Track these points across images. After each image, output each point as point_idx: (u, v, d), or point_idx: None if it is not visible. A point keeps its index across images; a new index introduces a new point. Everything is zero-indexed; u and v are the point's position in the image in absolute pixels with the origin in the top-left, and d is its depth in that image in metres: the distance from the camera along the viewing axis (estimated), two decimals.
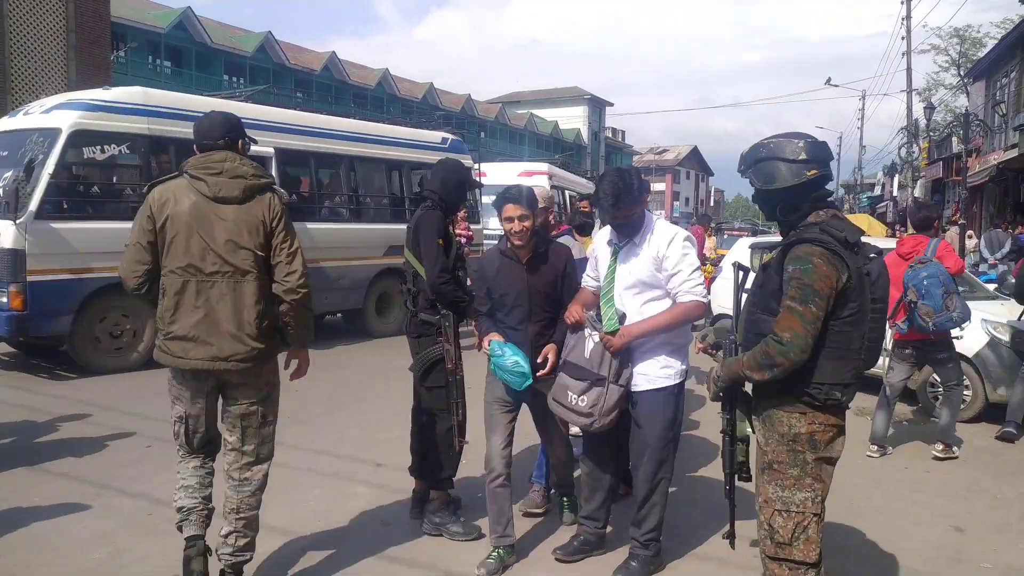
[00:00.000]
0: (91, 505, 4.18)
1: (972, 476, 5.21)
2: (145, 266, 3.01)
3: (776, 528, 2.57)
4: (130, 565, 3.52)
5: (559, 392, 3.46)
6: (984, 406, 6.52)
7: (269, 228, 3.04)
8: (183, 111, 8.18)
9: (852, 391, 2.54)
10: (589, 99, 60.07)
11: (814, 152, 2.56)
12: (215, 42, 31.67)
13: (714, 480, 4.78)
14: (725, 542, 3.14)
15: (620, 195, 3.30)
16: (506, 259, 3.64)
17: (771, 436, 2.61)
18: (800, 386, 2.51)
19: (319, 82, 36.72)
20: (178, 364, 3.02)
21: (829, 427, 2.56)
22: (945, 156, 29.18)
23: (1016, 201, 21.76)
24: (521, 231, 3.53)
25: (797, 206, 2.59)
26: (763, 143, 2.65)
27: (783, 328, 2.45)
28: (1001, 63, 23.93)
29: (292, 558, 3.63)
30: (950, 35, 33.16)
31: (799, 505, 2.55)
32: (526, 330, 3.59)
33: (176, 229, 2.96)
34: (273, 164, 8.95)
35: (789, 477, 2.56)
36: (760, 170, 2.61)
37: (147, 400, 6.43)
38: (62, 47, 14.37)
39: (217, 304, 2.97)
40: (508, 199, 3.53)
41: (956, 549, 3.99)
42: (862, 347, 2.51)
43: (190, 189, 3.00)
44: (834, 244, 2.44)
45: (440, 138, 11.92)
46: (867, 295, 2.49)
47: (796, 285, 2.44)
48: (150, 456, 5.06)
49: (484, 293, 3.70)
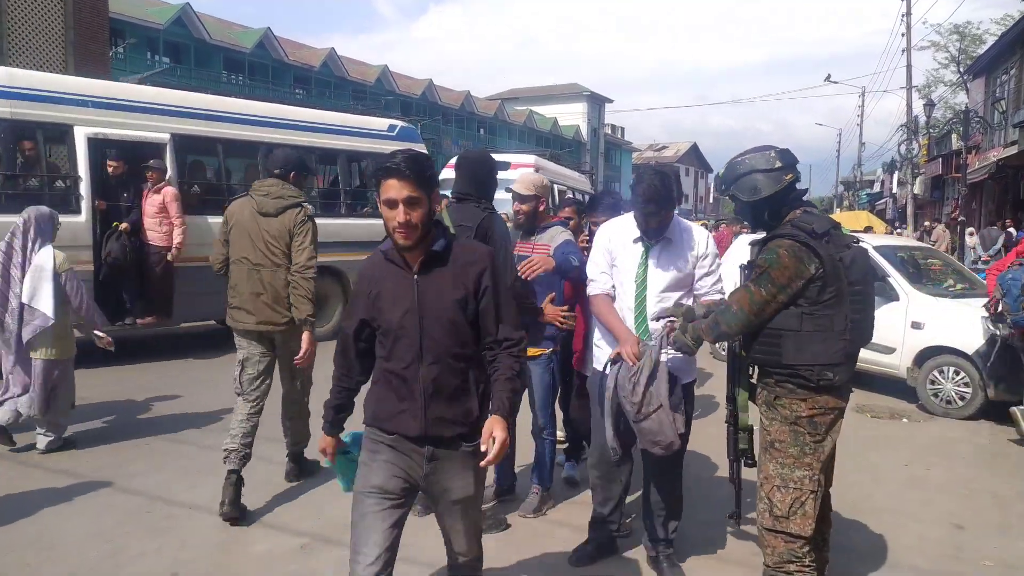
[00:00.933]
0: (88, 502, 4.17)
1: (972, 474, 5.20)
2: (223, 256, 4.25)
3: (775, 502, 2.78)
4: (127, 564, 3.50)
5: (653, 433, 3.08)
6: (984, 404, 6.51)
7: (291, 233, 4.14)
8: (54, 93, 7.33)
9: (843, 371, 2.73)
10: (588, 96, 59.95)
11: (785, 159, 2.85)
12: (214, 38, 31.60)
13: (712, 478, 4.78)
14: (722, 543, 3.16)
15: (660, 200, 3.14)
16: (392, 266, 2.38)
17: (775, 418, 2.81)
18: (794, 371, 2.72)
19: (318, 78, 36.65)
20: (236, 327, 4.19)
21: (828, 410, 2.76)
22: (945, 153, 29.18)
23: (1016, 198, 21.78)
24: (406, 223, 2.22)
25: (779, 210, 2.84)
26: (738, 160, 2.92)
27: (732, 300, 2.81)
28: (1001, 60, 23.89)
29: (290, 554, 3.63)
30: (950, 32, 33.17)
31: (797, 482, 2.75)
32: (416, 376, 2.31)
33: (238, 231, 4.17)
34: (168, 151, 8.16)
35: (789, 456, 2.77)
36: (742, 185, 2.87)
37: (145, 396, 6.42)
38: (60, 43, 14.32)
39: (261, 285, 4.10)
40: (391, 171, 2.23)
41: (957, 547, 3.98)
42: (846, 328, 2.70)
43: (248, 204, 4.20)
44: (803, 236, 2.68)
45: (387, 126, 10.92)
46: (843, 279, 2.69)
47: (758, 271, 2.75)
48: (149, 453, 5.04)
49: (355, 327, 2.44)
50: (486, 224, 3.66)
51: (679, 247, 3.31)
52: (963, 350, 6.58)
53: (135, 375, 7.29)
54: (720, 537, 3.92)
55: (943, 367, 6.70)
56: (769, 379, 2.83)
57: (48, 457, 4.86)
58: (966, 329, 6.63)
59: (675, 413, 3.09)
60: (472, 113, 45.64)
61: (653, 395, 3.04)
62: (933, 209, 31.90)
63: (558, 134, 54.77)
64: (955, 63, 33.28)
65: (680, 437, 3.11)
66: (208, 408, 6.07)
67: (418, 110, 41.00)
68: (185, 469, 4.73)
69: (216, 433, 5.17)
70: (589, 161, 52.79)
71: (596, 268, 3.43)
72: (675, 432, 3.08)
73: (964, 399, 6.60)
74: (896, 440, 5.96)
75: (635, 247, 3.32)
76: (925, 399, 6.82)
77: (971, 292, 7.55)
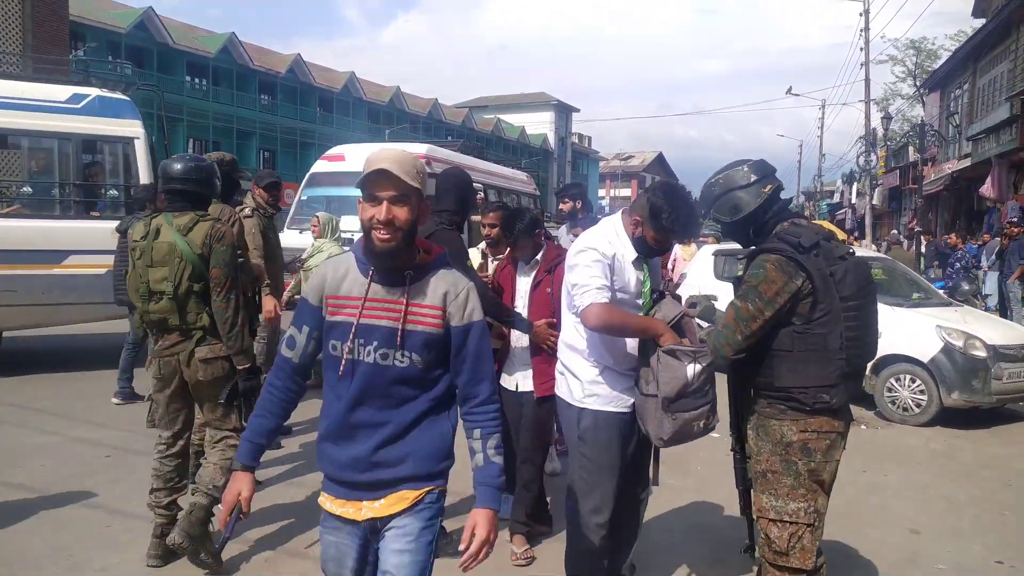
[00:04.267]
0: (47, 517, 4.08)
1: (927, 480, 5.34)
2: None
3: (772, 537, 2.64)
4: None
5: (684, 431, 2.80)
6: (939, 410, 6.69)
7: None
8: None
9: (839, 392, 2.57)
10: (556, 105, 60.32)
11: (761, 170, 2.73)
12: (177, 43, 31.18)
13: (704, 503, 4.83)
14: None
15: (692, 229, 3.04)
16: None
17: (764, 445, 2.67)
18: (788, 393, 2.58)
19: (284, 84, 36.37)
20: None
21: (823, 434, 2.60)
22: (902, 165, 29.91)
23: (969, 209, 22.39)
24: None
25: (764, 224, 2.72)
26: (713, 182, 2.79)
27: (721, 321, 2.68)
28: (955, 75, 24.60)
29: (254, 567, 3.60)
30: (907, 47, 34.04)
31: (792, 515, 2.60)
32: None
33: None
34: None
35: (783, 486, 2.62)
36: (722, 205, 2.75)
37: (101, 406, 6.30)
38: (17, 46, 14.00)
39: None
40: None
41: (913, 551, 4.09)
42: (842, 346, 2.55)
43: None
44: (789, 251, 2.55)
45: (69, 95, 7.93)
46: (834, 295, 2.54)
47: (745, 287, 2.61)
48: (108, 466, 4.95)
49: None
50: (435, 239, 3.50)
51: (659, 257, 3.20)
52: (919, 359, 6.75)
53: (85, 378, 7.16)
54: (733, 563, 3.66)
55: (900, 375, 6.87)
56: (761, 400, 2.69)
57: (2, 471, 4.75)
58: (922, 338, 6.81)
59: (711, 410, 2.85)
60: (440, 120, 45.64)
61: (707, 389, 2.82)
62: (891, 219, 32.63)
63: (526, 142, 54.99)
64: (912, 77, 34.16)
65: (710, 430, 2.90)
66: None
67: (386, 117, 40.90)
68: (142, 482, 4.64)
69: None
70: (556, 172, 52.91)
71: (600, 280, 2.86)
72: (699, 430, 2.84)
73: (920, 406, 6.77)
74: (854, 446, 6.04)
75: (634, 267, 2.98)
76: (882, 406, 6.97)
77: (927, 302, 7.76)
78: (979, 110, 21.66)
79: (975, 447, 6.20)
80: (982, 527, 4.47)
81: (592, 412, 2.99)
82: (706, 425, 2.83)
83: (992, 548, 4.16)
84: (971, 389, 6.56)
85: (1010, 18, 18.19)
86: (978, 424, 6.79)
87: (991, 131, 18.18)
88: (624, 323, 2.89)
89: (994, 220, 17.59)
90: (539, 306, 3.79)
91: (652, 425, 2.83)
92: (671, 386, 2.72)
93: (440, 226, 3.68)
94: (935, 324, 6.85)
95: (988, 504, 4.86)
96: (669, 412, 2.76)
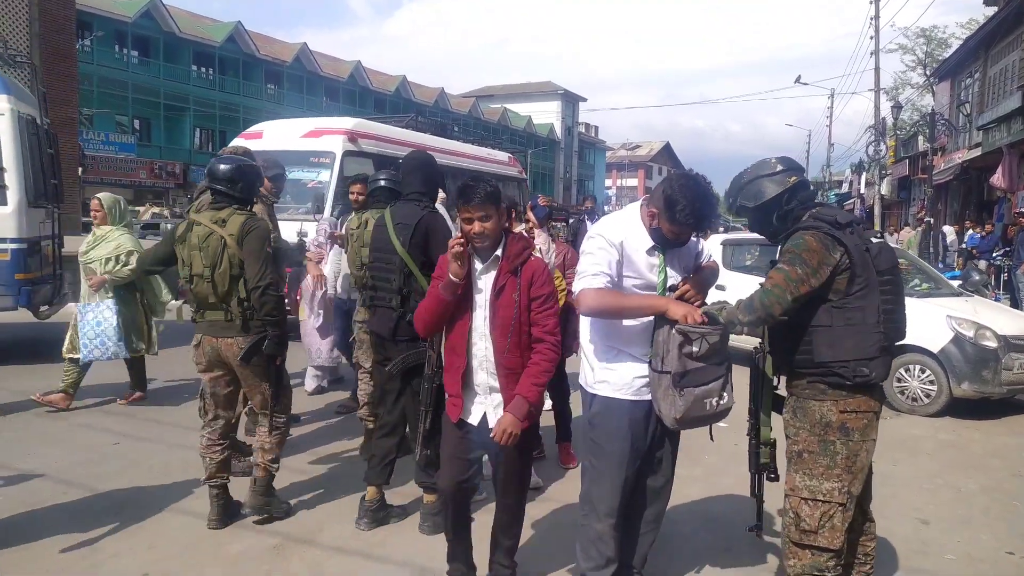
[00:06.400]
0: (61, 503, 4.11)
1: (936, 469, 5.32)
2: None
3: (803, 516, 2.71)
4: (102, 564, 3.48)
5: (697, 409, 2.76)
6: (948, 401, 6.66)
7: None
8: None
9: (879, 365, 2.64)
10: (563, 94, 60.13)
11: (787, 163, 2.88)
12: (183, 31, 31.20)
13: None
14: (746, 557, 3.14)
15: (706, 223, 2.87)
16: None
17: (802, 426, 2.75)
18: (828, 368, 2.65)
19: (290, 73, 36.35)
20: None
21: (861, 413, 2.68)
22: (911, 154, 29.71)
23: (980, 198, 22.26)
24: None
25: (789, 212, 2.81)
26: (741, 173, 2.94)
27: (768, 281, 2.67)
28: (965, 64, 24.41)
29: (263, 555, 3.61)
30: (917, 35, 33.78)
31: (826, 494, 2.68)
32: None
33: None
34: None
35: (819, 466, 2.69)
36: (747, 192, 2.87)
37: (100, 392, 6.33)
38: (25, 35, 14.01)
39: None
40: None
41: (922, 541, 4.07)
42: (879, 320, 2.63)
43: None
44: (826, 227, 2.65)
45: None
46: (871, 269, 2.64)
47: (788, 255, 2.67)
48: (120, 453, 4.98)
49: None
50: (426, 222, 3.72)
51: (688, 246, 3.03)
52: (929, 348, 6.72)
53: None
54: (742, 550, 3.76)
55: (909, 365, 6.84)
56: (800, 380, 2.75)
57: (17, 460, 4.78)
58: (932, 328, 6.78)
59: (726, 387, 2.84)
60: (446, 110, 45.56)
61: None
62: (900, 209, 32.47)
63: (532, 132, 54.87)
64: (922, 66, 33.92)
65: (726, 411, 2.87)
66: (174, 405, 6.01)
67: (392, 106, 40.85)
68: (152, 468, 4.68)
69: (183, 432, 5.14)
70: (564, 161, 52.77)
71: (598, 267, 2.83)
72: (713, 408, 2.81)
73: (929, 396, 6.74)
74: None
75: (649, 255, 2.93)
76: (891, 396, 6.95)
77: (936, 292, 7.72)
78: (990, 99, 21.50)
79: (985, 437, 6.18)
80: (992, 517, 4.45)
81: (602, 399, 2.98)
82: (720, 403, 2.81)
83: (1002, 538, 4.14)
84: (981, 379, 6.53)
85: (1022, 6, 18.02)
86: (988, 414, 6.76)
87: (1002, 120, 18.04)
88: (620, 305, 2.84)
89: (1004, 210, 17.50)
90: (504, 320, 2.94)
91: (665, 404, 2.80)
92: (680, 361, 2.71)
93: (427, 209, 3.77)
94: (945, 314, 6.81)
95: (998, 494, 4.84)
96: (678, 388, 2.73)
